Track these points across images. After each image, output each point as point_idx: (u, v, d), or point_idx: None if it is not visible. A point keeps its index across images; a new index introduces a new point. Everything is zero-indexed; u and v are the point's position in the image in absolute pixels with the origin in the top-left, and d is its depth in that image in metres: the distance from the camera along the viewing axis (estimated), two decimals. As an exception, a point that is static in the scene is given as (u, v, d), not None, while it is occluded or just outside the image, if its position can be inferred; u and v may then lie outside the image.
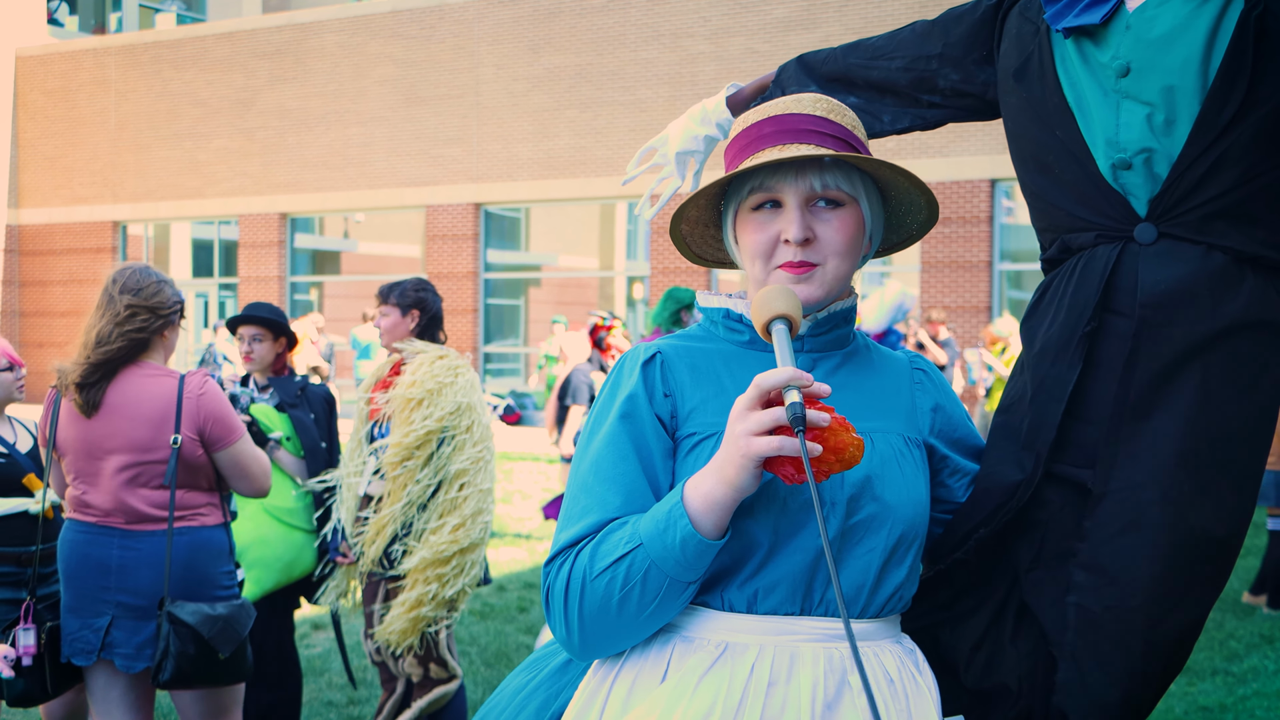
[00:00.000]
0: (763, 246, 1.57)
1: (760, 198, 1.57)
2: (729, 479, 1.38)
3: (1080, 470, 1.64)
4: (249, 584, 4.27)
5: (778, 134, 1.57)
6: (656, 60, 18.69)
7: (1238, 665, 6.00)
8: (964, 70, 1.93)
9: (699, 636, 1.49)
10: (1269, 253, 1.61)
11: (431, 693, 4.03)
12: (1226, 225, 1.60)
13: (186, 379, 3.39)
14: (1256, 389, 1.61)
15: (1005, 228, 17.31)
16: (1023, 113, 1.78)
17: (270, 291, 21.55)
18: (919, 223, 1.69)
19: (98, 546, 3.32)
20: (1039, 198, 1.77)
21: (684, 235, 1.72)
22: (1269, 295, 1.61)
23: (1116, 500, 1.60)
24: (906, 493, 1.54)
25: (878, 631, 1.54)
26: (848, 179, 1.56)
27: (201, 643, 3.26)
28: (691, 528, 1.40)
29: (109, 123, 23.13)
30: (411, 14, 20.64)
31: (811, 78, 2.07)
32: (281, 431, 4.41)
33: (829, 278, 1.56)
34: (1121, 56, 1.65)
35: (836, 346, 1.64)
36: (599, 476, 1.52)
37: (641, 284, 20.31)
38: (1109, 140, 1.65)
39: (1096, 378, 1.65)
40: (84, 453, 3.34)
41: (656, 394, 1.55)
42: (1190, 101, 1.61)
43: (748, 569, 1.49)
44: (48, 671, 3.33)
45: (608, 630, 1.48)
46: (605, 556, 1.45)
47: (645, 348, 1.60)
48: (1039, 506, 1.67)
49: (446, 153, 20.34)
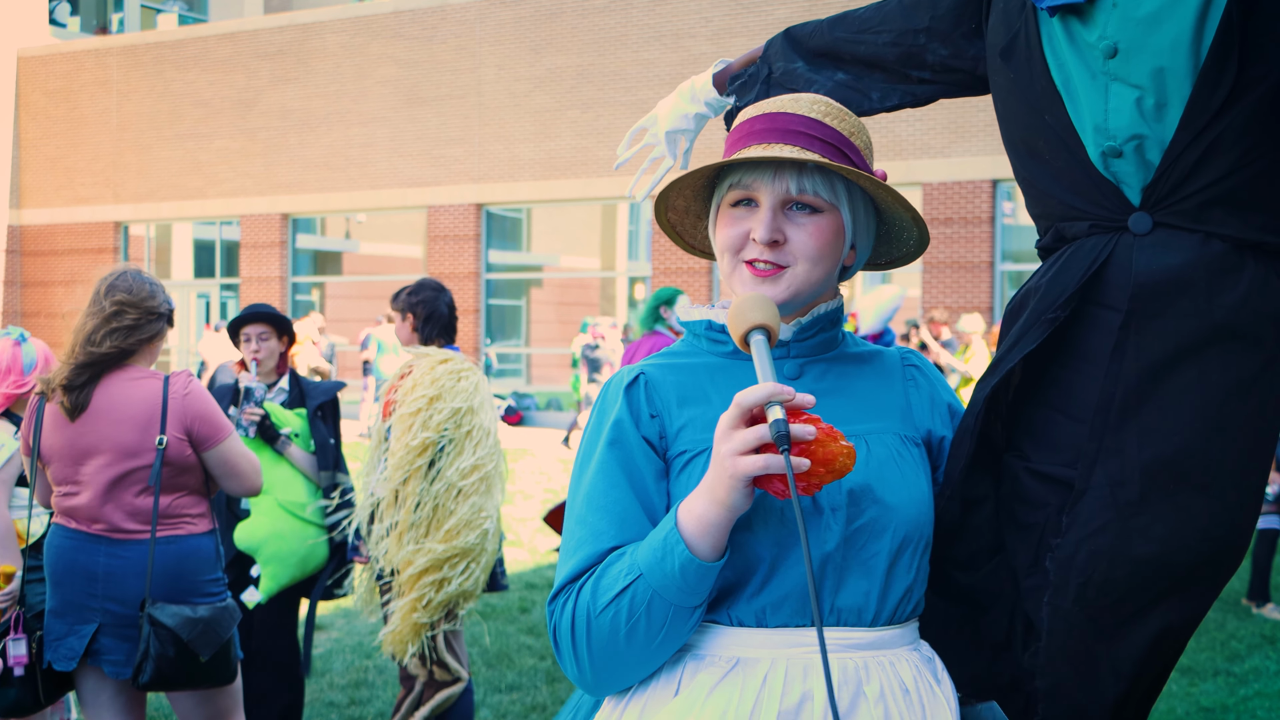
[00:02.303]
0: (731, 241, 1.54)
1: (737, 194, 1.54)
2: (720, 499, 1.36)
3: (1073, 470, 1.58)
4: (265, 580, 4.27)
5: (766, 132, 1.54)
6: (658, 61, 18.69)
7: (1239, 666, 6.00)
8: (953, 45, 1.86)
9: (710, 653, 1.47)
10: (1270, 238, 1.54)
11: (436, 695, 4.03)
12: (1224, 212, 1.53)
13: (171, 379, 3.36)
14: (1257, 384, 1.54)
15: (1007, 228, 17.31)
16: (1010, 94, 1.71)
17: (272, 292, 21.56)
18: (914, 239, 1.65)
19: (84, 554, 3.29)
20: (1031, 185, 1.71)
21: (673, 224, 1.69)
22: (1270, 283, 1.54)
23: (1095, 497, 1.54)
24: (908, 493, 1.51)
25: (893, 640, 1.50)
26: (828, 185, 1.52)
27: (181, 645, 3.24)
28: (689, 552, 1.37)
29: (111, 123, 23.15)
30: (413, 14, 20.65)
31: (798, 52, 2.00)
32: (291, 428, 4.42)
33: (797, 282, 1.52)
34: (1109, 36, 1.57)
35: (824, 350, 1.60)
36: (592, 507, 1.49)
37: (643, 284, 20.31)
38: (1098, 126, 1.58)
39: (1086, 373, 1.59)
40: (70, 459, 3.30)
41: (642, 416, 1.52)
42: (1181, 84, 1.53)
43: (753, 585, 1.46)
44: (39, 681, 3.32)
45: (619, 663, 1.45)
46: (607, 591, 1.42)
47: (628, 370, 1.57)
48: (1033, 508, 1.61)
49: (448, 153, 20.35)
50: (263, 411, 4.30)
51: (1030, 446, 1.64)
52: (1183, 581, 1.55)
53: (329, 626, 6.65)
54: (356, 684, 5.64)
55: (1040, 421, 1.63)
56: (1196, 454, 1.52)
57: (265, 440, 4.32)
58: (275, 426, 4.34)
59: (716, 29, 18.34)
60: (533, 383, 21.53)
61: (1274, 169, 1.54)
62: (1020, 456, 1.64)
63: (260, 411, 4.29)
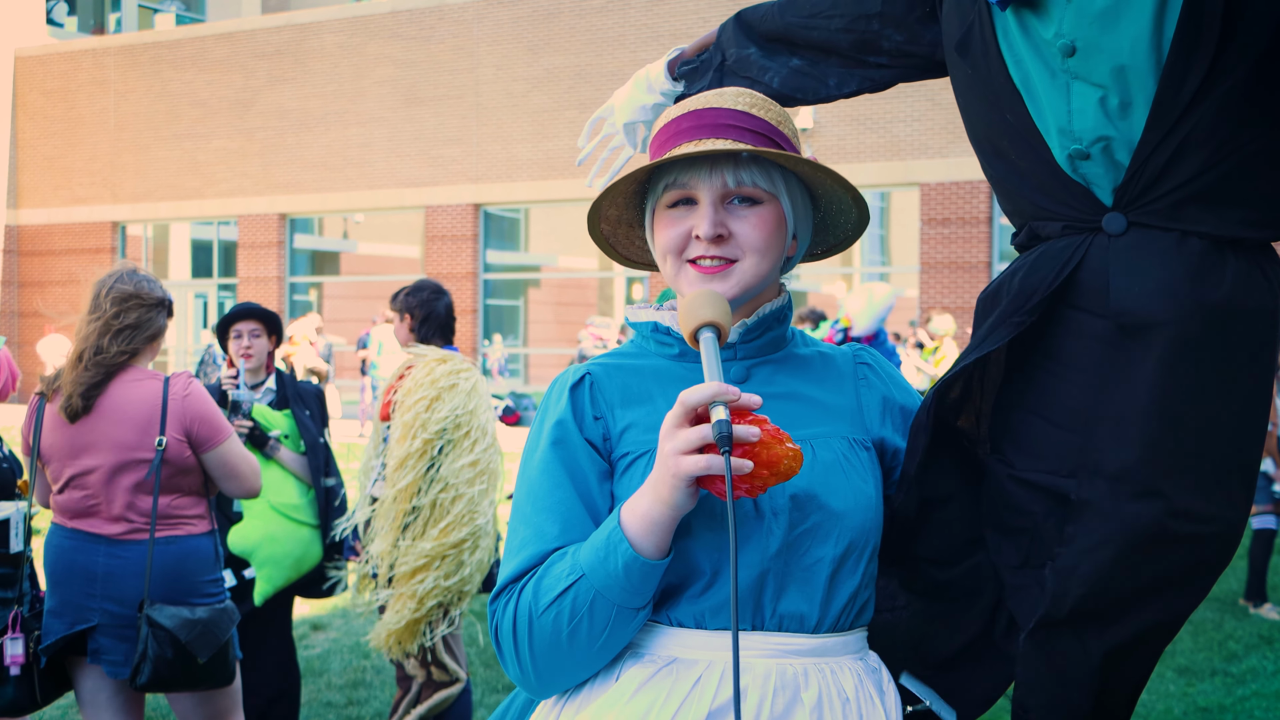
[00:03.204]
0: (673, 242, 1.50)
1: (675, 195, 1.51)
2: (663, 498, 1.34)
3: (1062, 480, 1.55)
4: (261, 582, 4.28)
5: (695, 129, 1.50)
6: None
7: (1236, 666, 6.00)
8: (908, 30, 1.79)
9: (648, 652, 1.45)
10: (1249, 233, 1.49)
11: (434, 696, 4.03)
12: (1200, 210, 1.47)
13: (171, 381, 3.36)
14: (1244, 378, 1.51)
15: (1005, 228, 17.31)
16: (970, 90, 1.65)
17: (269, 292, 21.56)
18: (851, 223, 1.61)
19: (83, 553, 3.29)
20: (999, 183, 1.67)
21: (606, 235, 1.65)
22: (1253, 278, 1.50)
23: (1098, 512, 1.51)
24: (854, 499, 1.48)
25: (836, 648, 1.47)
26: (766, 175, 1.49)
27: (179, 647, 3.24)
28: (632, 551, 1.35)
29: (108, 123, 23.13)
30: (411, 15, 20.64)
31: (750, 38, 1.94)
32: (280, 430, 4.42)
33: (747, 276, 1.49)
34: (1065, 34, 1.50)
35: (772, 350, 1.57)
36: (536, 506, 1.47)
37: (641, 285, 20.31)
38: (1062, 129, 1.53)
39: (1067, 379, 1.55)
40: (70, 459, 3.30)
41: (586, 418, 1.50)
42: (1145, 81, 1.47)
43: (695, 588, 1.44)
44: (36, 680, 3.32)
45: (561, 664, 1.43)
46: (549, 591, 1.40)
47: (574, 370, 1.55)
48: (1019, 514, 1.58)
49: (446, 153, 20.34)
50: (252, 422, 4.31)
51: (1012, 451, 1.61)
52: (1179, 583, 1.54)
53: (327, 626, 6.65)
54: (354, 684, 5.63)
55: (1019, 424, 1.60)
56: (1192, 457, 1.50)
57: (254, 446, 4.32)
58: (264, 430, 4.34)
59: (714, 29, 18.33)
60: (531, 383, 21.53)
61: (1248, 163, 1.48)
62: (1003, 462, 1.62)
63: (250, 423, 4.30)
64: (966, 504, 1.65)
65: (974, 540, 1.66)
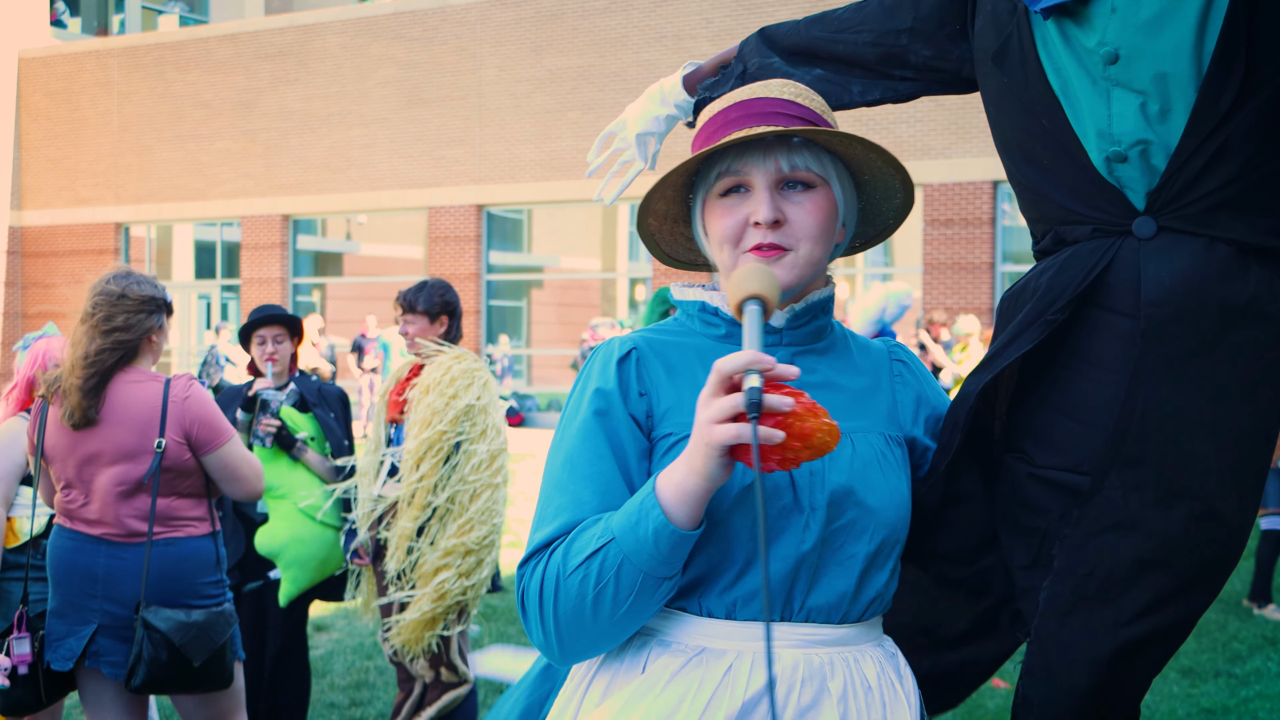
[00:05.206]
0: (731, 231, 1.50)
1: (728, 182, 1.51)
2: (697, 468, 1.32)
3: (1078, 477, 1.57)
4: (286, 583, 4.30)
5: (744, 118, 1.51)
6: (659, 62, 18.69)
7: (1240, 667, 5.99)
8: (936, 45, 1.82)
9: (676, 641, 1.46)
10: (1275, 242, 1.54)
11: (443, 698, 4.03)
12: (1230, 217, 1.52)
13: (171, 383, 3.36)
14: (1266, 384, 1.54)
15: (1007, 229, 17.31)
16: (1004, 98, 1.68)
17: (272, 293, 21.57)
18: (894, 209, 1.62)
19: (85, 555, 3.29)
20: (1028, 189, 1.69)
21: (652, 232, 1.65)
22: (1275, 286, 1.54)
23: (1109, 498, 1.54)
24: (889, 496, 1.50)
25: (858, 636, 1.49)
26: (818, 160, 1.50)
27: (174, 649, 3.24)
28: (664, 518, 1.34)
29: (111, 124, 23.16)
30: (414, 16, 20.66)
31: (774, 50, 1.96)
32: (306, 432, 4.43)
33: (801, 262, 1.49)
34: (1109, 42, 1.55)
35: (815, 339, 1.57)
36: (573, 474, 1.46)
37: (644, 285, 20.31)
38: (1101, 132, 1.57)
39: (1095, 379, 1.57)
40: (72, 461, 3.31)
41: (631, 393, 1.50)
42: (1185, 89, 1.52)
43: (727, 577, 1.44)
44: (41, 680, 3.32)
45: (583, 631, 1.42)
46: (579, 553, 1.39)
47: (620, 342, 1.53)
48: (1035, 513, 1.60)
49: (449, 154, 20.35)
50: (279, 423, 4.31)
51: (1033, 448, 1.63)
52: (1184, 584, 1.55)
53: (330, 627, 6.65)
54: (357, 685, 5.64)
55: (1041, 422, 1.62)
56: (1208, 459, 1.53)
57: (282, 448, 4.33)
58: (291, 433, 4.35)
59: (717, 30, 18.34)
60: (533, 384, 21.54)
61: (1279, 173, 1.53)
62: (1024, 459, 1.63)
63: (277, 423, 4.30)
64: (985, 505, 1.67)
65: (989, 541, 1.68)
